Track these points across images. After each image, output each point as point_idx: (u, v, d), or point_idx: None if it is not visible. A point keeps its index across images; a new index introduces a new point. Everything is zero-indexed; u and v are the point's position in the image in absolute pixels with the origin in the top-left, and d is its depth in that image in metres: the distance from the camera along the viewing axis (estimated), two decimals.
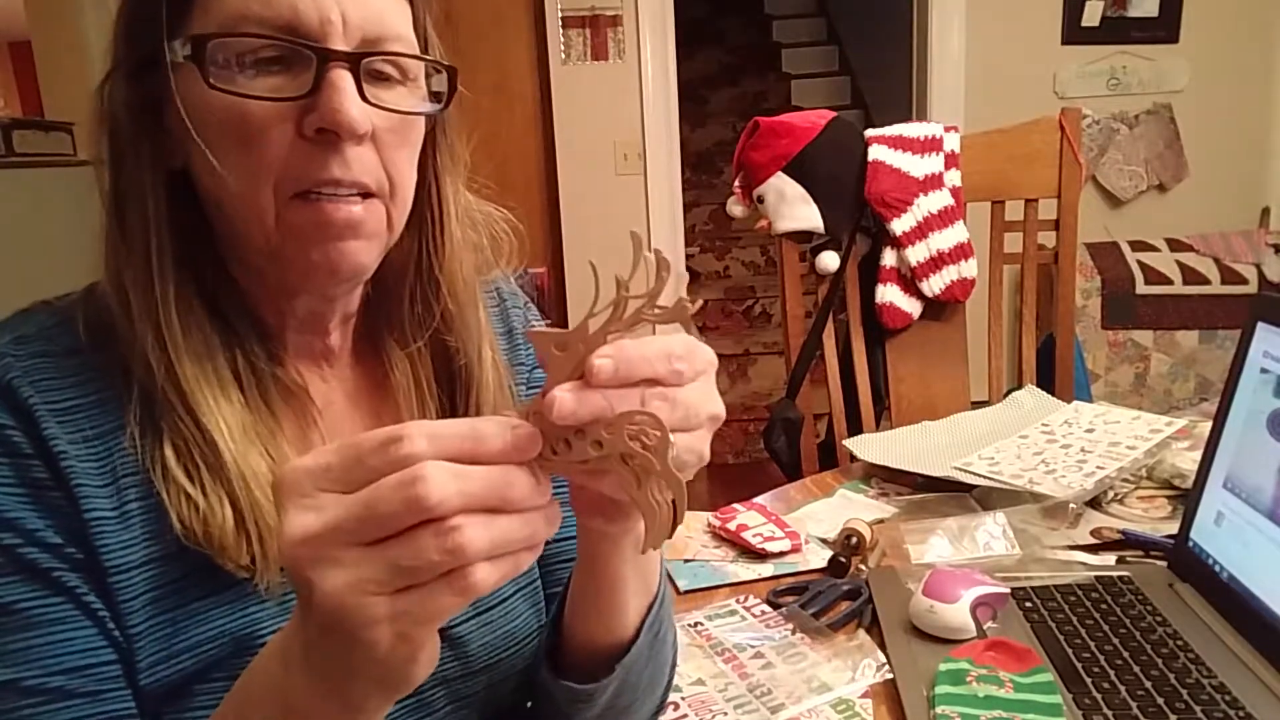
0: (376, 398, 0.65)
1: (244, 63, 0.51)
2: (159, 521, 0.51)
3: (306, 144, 0.52)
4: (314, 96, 0.51)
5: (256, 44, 0.51)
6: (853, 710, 0.73)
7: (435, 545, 0.35)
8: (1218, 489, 0.87)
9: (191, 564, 0.52)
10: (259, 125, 0.51)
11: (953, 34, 3.13)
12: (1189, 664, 0.73)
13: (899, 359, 1.63)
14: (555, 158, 3.18)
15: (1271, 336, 0.83)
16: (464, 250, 0.64)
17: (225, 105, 0.51)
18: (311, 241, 0.53)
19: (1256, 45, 3.16)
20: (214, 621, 0.53)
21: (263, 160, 0.52)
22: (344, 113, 0.51)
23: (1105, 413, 1.27)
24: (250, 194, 0.52)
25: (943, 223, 1.58)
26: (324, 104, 0.51)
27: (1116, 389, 2.99)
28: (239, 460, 0.52)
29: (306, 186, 0.52)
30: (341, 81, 0.51)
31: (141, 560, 0.51)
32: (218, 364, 0.54)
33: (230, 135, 0.51)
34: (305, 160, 0.52)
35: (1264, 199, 3.24)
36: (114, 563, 0.50)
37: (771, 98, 5.02)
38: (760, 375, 3.85)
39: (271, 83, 0.51)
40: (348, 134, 0.51)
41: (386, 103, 0.54)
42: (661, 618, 0.62)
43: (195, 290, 0.55)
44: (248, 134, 0.51)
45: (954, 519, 1.04)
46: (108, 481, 0.51)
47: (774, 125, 1.57)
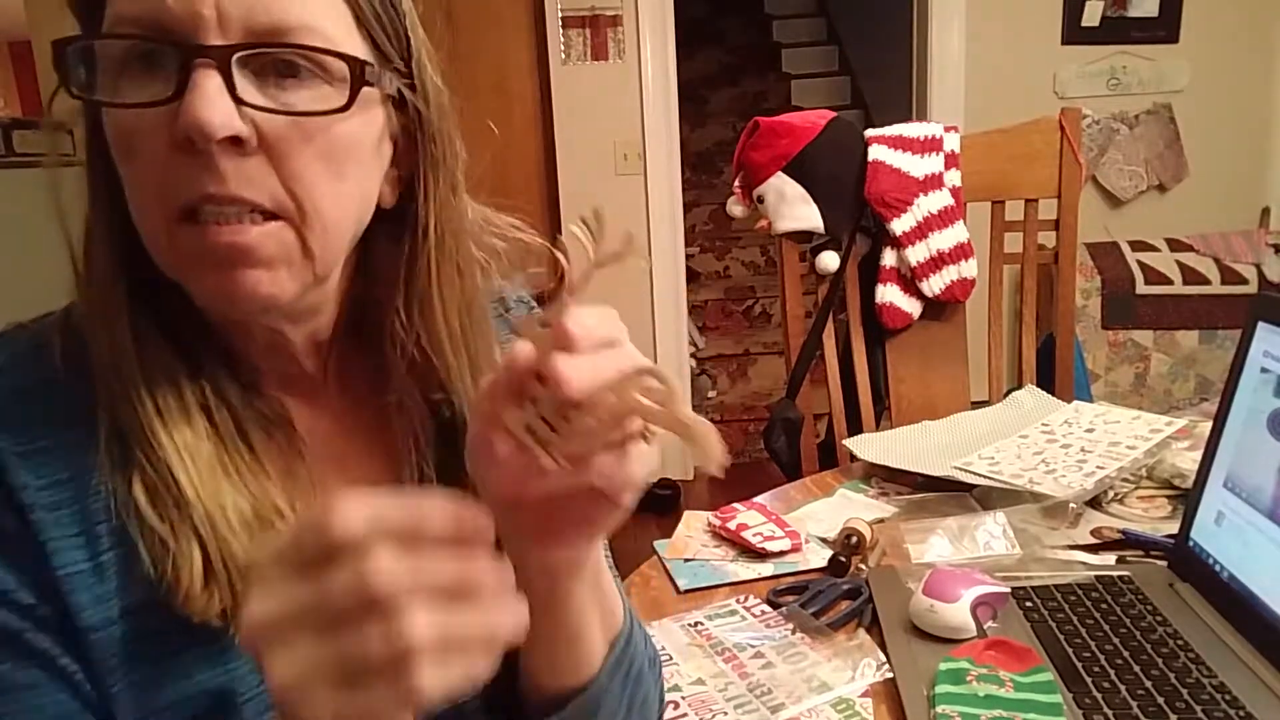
0: (366, 422, 0.59)
1: (116, 67, 0.46)
2: (134, 569, 0.47)
3: (180, 156, 0.45)
4: (179, 99, 0.45)
5: (123, 46, 0.46)
6: (853, 710, 0.73)
7: (378, 632, 0.33)
8: (1218, 489, 0.87)
9: (170, 614, 0.48)
10: (131, 135, 0.46)
11: (953, 34, 3.13)
12: (1189, 664, 0.73)
13: (899, 359, 1.63)
14: (555, 158, 3.18)
15: (1271, 336, 0.83)
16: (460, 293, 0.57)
17: (109, 116, 0.47)
18: (201, 269, 0.48)
19: (1256, 45, 3.16)
20: (193, 677, 0.49)
21: (141, 175, 0.47)
22: (191, 115, 0.44)
23: (1105, 413, 1.27)
24: (140, 213, 0.48)
25: (943, 223, 1.58)
26: (182, 107, 0.44)
27: (1116, 389, 2.99)
28: (205, 498, 0.48)
29: (183, 204, 0.46)
30: (202, 80, 0.44)
31: (118, 614, 0.48)
32: (182, 394, 0.50)
33: (115, 147, 0.47)
34: (178, 174, 0.46)
35: (1264, 199, 3.24)
36: (89, 621, 0.47)
37: (771, 98, 5.02)
38: (760, 375, 3.85)
39: (137, 84, 0.46)
40: (200, 140, 0.44)
41: (283, 103, 0.47)
42: (632, 655, 0.58)
43: (157, 317, 0.51)
44: (126, 145, 0.47)
45: (954, 519, 1.04)
46: (81, 530, 0.48)
47: (774, 125, 1.57)
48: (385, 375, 0.58)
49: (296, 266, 0.49)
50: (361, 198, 0.52)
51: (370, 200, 0.54)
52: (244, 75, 0.46)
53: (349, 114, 0.48)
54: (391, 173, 0.55)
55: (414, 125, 0.54)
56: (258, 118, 0.46)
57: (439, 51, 0.56)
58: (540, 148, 3.22)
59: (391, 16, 0.52)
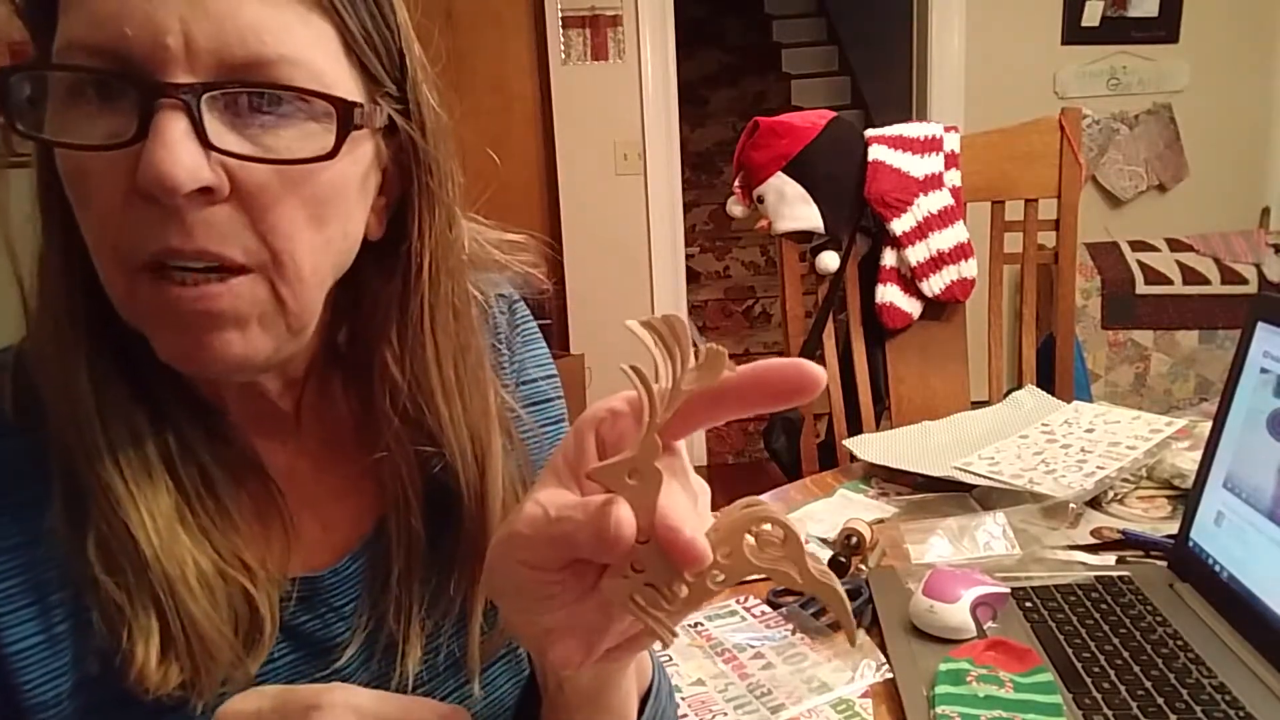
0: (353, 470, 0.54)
1: (67, 97, 0.40)
2: (89, 640, 0.44)
3: (141, 204, 0.40)
4: (139, 143, 0.39)
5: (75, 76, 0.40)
6: (853, 710, 0.73)
7: None
8: (1218, 489, 0.87)
9: (125, 689, 0.44)
10: (85, 177, 0.41)
11: (953, 34, 3.13)
12: (1189, 664, 0.73)
13: (899, 359, 1.63)
14: (555, 158, 3.18)
15: (1271, 336, 0.83)
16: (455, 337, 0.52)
17: (60, 154, 0.41)
18: (164, 328, 0.43)
19: (1256, 45, 3.16)
20: None
21: (96, 221, 0.41)
22: (154, 167, 0.38)
23: (1105, 413, 1.27)
24: (98, 260, 0.42)
25: (943, 223, 1.58)
26: (143, 155, 0.39)
27: (1116, 389, 2.99)
28: (164, 559, 0.44)
29: (145, 257, 0.41)
30: (164, 124, 0.39)
31: (71, 689, 0.45)
32: (143, 445, 0.45)
33: (69, 188, 0.42)
34: (137, 224, 0.40)
35: (1264, 199, 3.24)
36: (40, 698, 0.44)
37: (771, 98, 5.02)
38: None
39: (94, 121, 0.40)
40: (163, 195, 0.39)
41: (262, 146, 0.41)
42: (663, 706, 0.53)
43: (117, 360, 0.45)
44: (80, 188, 0.41)
45: (954, 519, 1.04)
46: (32, 601, 0.44)
47: (774, 125, 1.57)
48: (372, 417, 0.52)
49: (270, 322, 0.44)
50: (344, 239, 0.47)
51: (354, 240, 0.48)
52: (214, 114, 0.40)
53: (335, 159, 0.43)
54: (379, 201, 0.50)
55: (407, 153, 0.49)
56: (230, 164, 0.41)
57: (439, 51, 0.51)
58: (540, 148, 3.22)
59: (384, 35, 0.46)
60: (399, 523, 0.53)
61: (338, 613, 0.52)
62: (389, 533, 0.53)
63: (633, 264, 3.23)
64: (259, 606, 0.47)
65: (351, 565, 0.54)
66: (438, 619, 0.55)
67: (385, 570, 0.53)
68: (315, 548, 0.53)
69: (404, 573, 0.53)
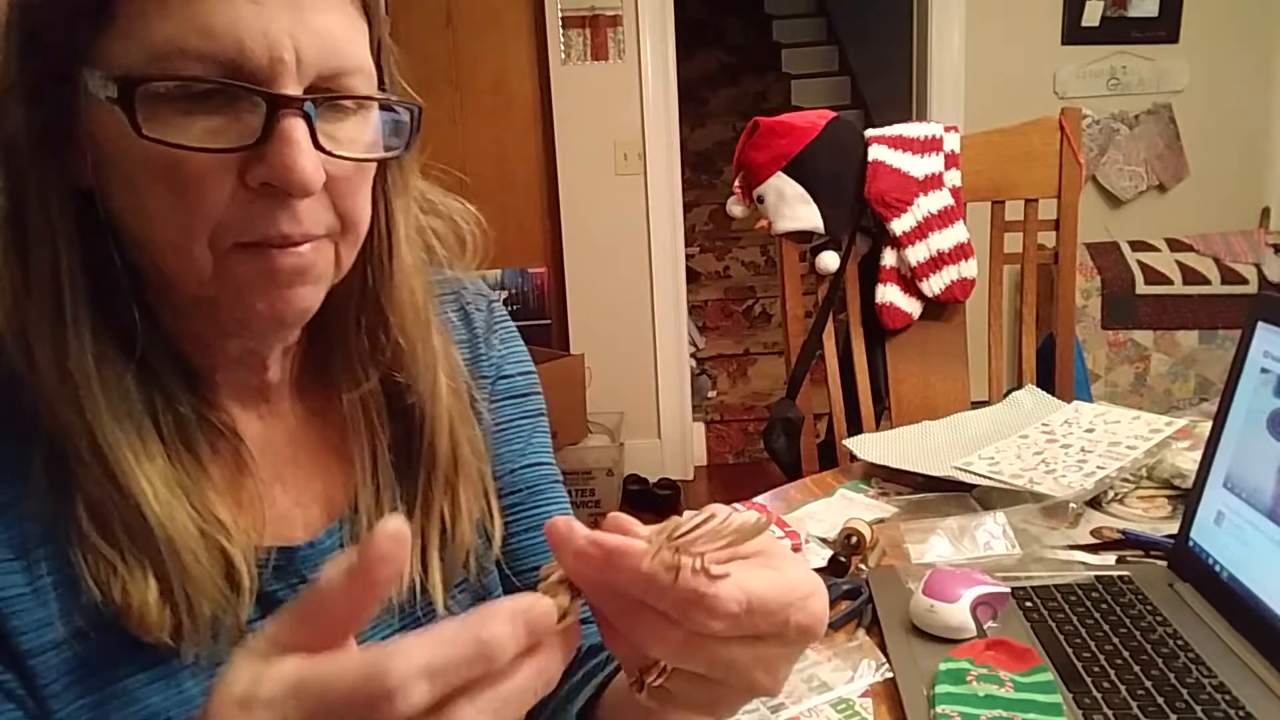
0: (321, 433, 0.59)
1: (176, 98, 0.44)
2: (76, 594, 0.46)
3: (251, 195, 0.45)
4: (261, 146, 0.44)
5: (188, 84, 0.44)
6: (853, 710, 0.73)
7: None
8: (1218, 489, 0.87)
9: (116, 638, 0.47)
10: (195, 176, 0.44)
11: (953, 34, 3.13)
12: (1189, 664, 0.73)
13: (899, 359, 1.63)
14: (555, 158, 3.18)
15: (1271, 336, 0.83)
16: (414, 277, 0.58)
17: (158, 152, 0.44)
18: (256, 291, 0.48)
19: (1256, 45, 3.16)
20: (144, 700, 0.48)
21: (198, 212, 0.45)
22: (297, 171, 0.44)
23: (1105, 413, 1.27)
24: (182, 244, 0.46)
25: (943, 223, 1.58)
26: (274, 158, 0.44)
27: (1116, 389, 2.99)
28: (165, 523, 0.47)
29: (251, 240, 0.46)
30: (294, 132, 0.44)
31: (61, 638, 0.47)
32: (137, 417, 0.48)
33: (160, 182, 0.45)
34: (250, 214, 0.46)
35: (1264, 199, 3.24)
36: (30, 645, 0.46)
37: (771, 98, 5.02)
38: (760, 375, 3.85)
39: (209, 124, 0.44)
40: (300, 193, 0.45)
41: (343, 144, 0.48)
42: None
43: (110, 332, 0.48)
44: (181, 184, 0.44)
45: (954, 519, 1.04)
46: (17, 555, 0.46)
47: (774, 125, 1.57)
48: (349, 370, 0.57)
49: (329, 278, 0.51)
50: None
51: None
52: (318, 119, 0.46)
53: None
54: None
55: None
56: (326, 162, 0.46)
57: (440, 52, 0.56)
58: (540, 148, 3.22)
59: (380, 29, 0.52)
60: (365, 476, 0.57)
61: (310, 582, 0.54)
62: (364, 508, 0.57)
63: (633, 264, 3.23)
64: (235, 561, 0.50)
65: (328, 540, 0.56)
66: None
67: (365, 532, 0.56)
68: (287, 521, 0.56)
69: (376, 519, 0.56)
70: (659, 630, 0.35)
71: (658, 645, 0.36)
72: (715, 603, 0.34)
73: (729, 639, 0.35)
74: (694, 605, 0.34)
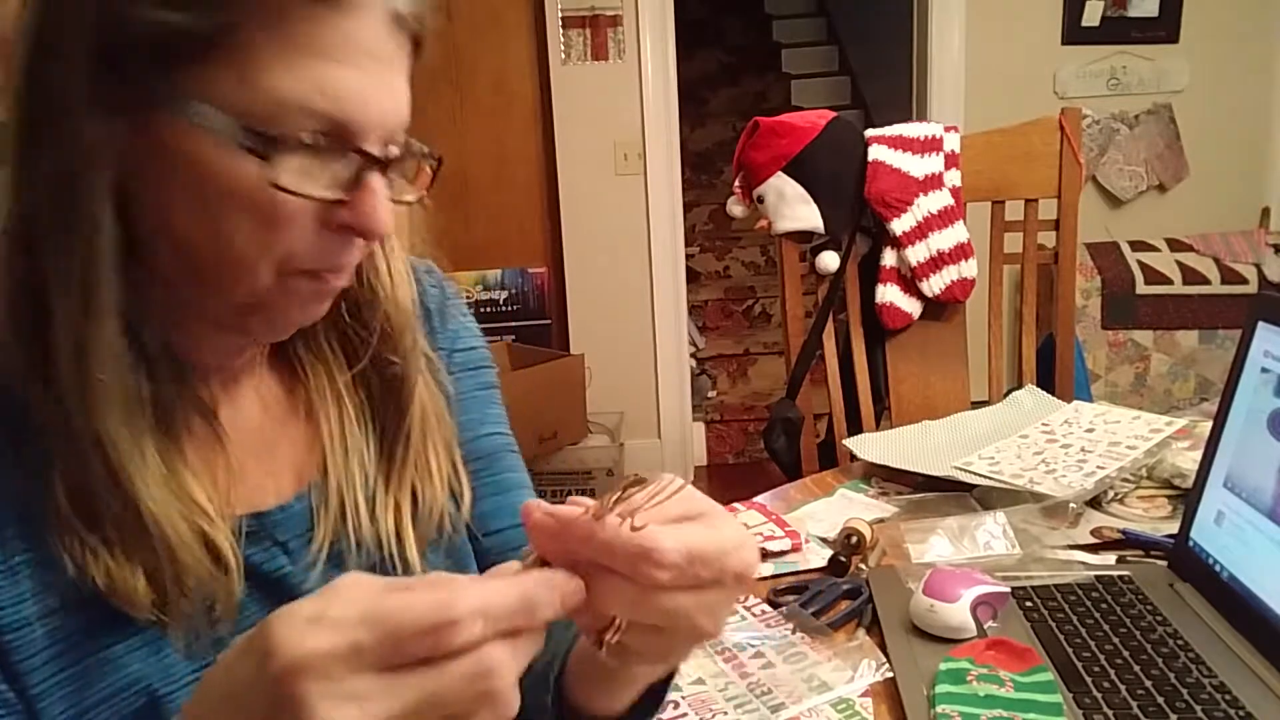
0: (289, 406, 0.62)
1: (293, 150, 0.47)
2: (52, 572, 0.48)
3: (327, 234, 0.50)
4: (350, 194, 0.50)
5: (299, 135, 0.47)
6: (853, 710, 0.73)
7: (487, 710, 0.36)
8: (1218, 488, 0.87)
9: (94, 614, 0.48)
10: (287, 215, 0.48)
11: (953, 34, 3.13)
12: (1189, 663, 0.73)
13: (899, 359, 1.63)
14: (555, 158, 3.18)
15: (1272, 336, 0.83)
16: (399, 261, 0.62)
17: (259, 191, 0.47)
18: (301, 307, 0.53)
19: (1256, 45, 3.16)
20: (125, 670, 0.50)
21: (280, 244, 0.49)
22: (380, 222, 0.50)
23: (1105, 412, 1.27)
24: (252, 266, 0.49)
25: (943, 223, 1.58)
26: (361, 208, 0.50)
27: (1116, 389, 2.99)
28: (161, 521, 0.49)
29: (315, 269, 0.51)
30: (378, 186, 0.50)
31: (37, 614, 0.48)
32: (134, 408, 0.50)
33: (248, 212, 0.48)
34: (323, 249, 0.51)
35: (1264, 199, 3.24)
36: (6, 620, 0.47)
37: (771, 98, 5.02)
38: (760, 375, 3.85)
39: (299, 166, 0.47)
40: (377, 238, 0.52)
41: (395, 189, 0.53)
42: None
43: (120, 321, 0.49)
44: (273, 221, 0.48)
45: (954, 519, 1.04)
46: None
47: (774, 125, 1.57)
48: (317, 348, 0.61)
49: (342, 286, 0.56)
50: None
51: None
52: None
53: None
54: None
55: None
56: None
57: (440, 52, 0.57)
58: (540, 148, 3.22)
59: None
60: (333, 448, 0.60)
61: (282, 547, 0.58)
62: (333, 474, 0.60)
63: (633, 264, 3.23)
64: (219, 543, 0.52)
65: (298, 505, 0.59)
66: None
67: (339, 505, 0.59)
68: (260, 491, 0.58)
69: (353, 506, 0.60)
70: (614, 588, 0.40)
71: (614, 602, 0.41)
72: (661, 555, 0.39)
73: (675, 589, 0.40)
74: (642, 560, 0.39)
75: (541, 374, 2.84)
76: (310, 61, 0.46)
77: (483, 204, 3.21)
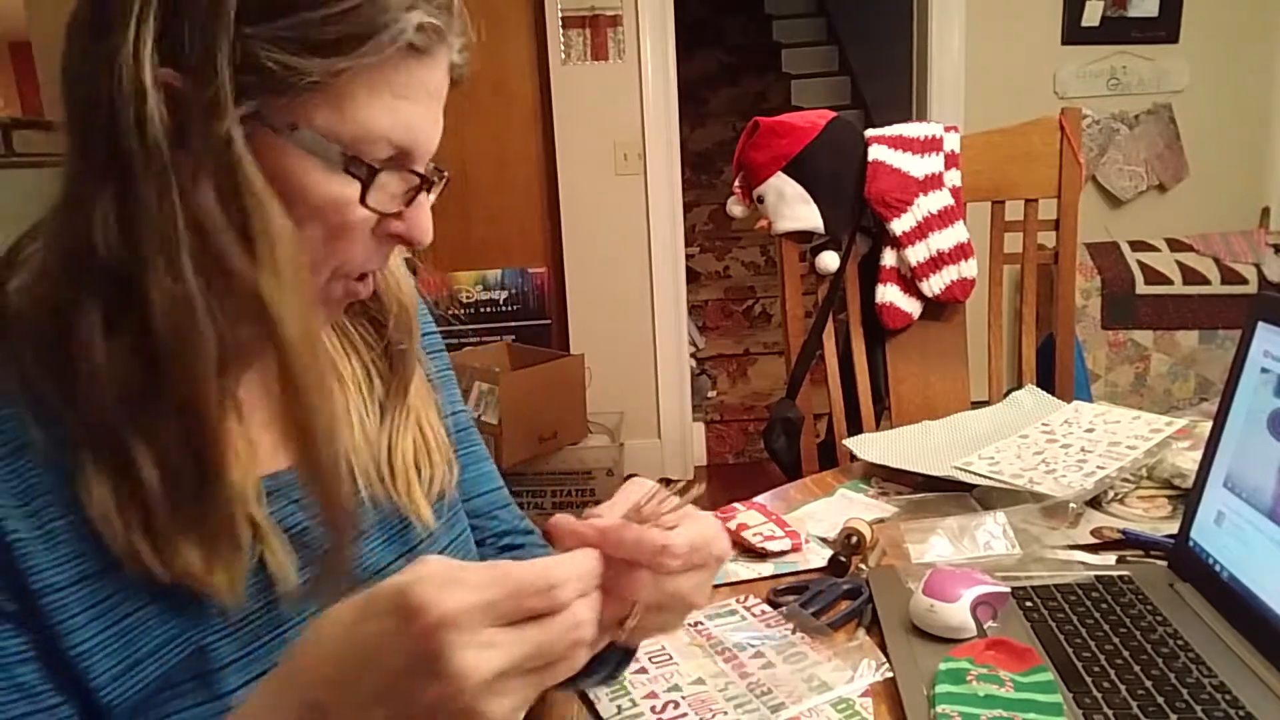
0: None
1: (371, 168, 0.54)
2: (86, 539, 0.51)
3: (375, 241, 0.57)
4: (403, 211, 0.57)
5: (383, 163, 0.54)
6: (853, 709, 0.73)
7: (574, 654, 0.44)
8: (1218, 488, 0.87)
9: (128, 576, 0.51)
10: (355, 228, 0.55)
11: (953, 34, 3.13)
12: (1189, 663, 0.73)
13: (899, 359, 1.63)
14: (555, 158, 3.18)
15: (1272, 336, 0.83)
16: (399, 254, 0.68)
17: (330, 198, 0.53)
18: (331, 305, 0.60)
19: (1256, 45, 3.16)
20: (167, 626, 0.53)
21: (341, 250, 0.56)
22: (429, 234, 0.58)
23: (1105, 412, 1.27)
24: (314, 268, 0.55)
25: (943, 223, 1.58)
26: (414, 221, 0.57)
27: (1116, 389, 2.99)
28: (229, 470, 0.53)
29: (359, 273, 0.58)
30: (427, 203, 0.58)
31: (74, 579, 0.51)
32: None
33: (322, 223, 0.54)
34: (370, 254, 0.58)
35: (1264, 199, 3.24)
36: (45, 582, 0.50)
37: (771, 98, 5.02)
38: (760, 375, 3.85)
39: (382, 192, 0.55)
40: (422, 245, 0.59)
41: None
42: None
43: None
44: (342, 230, 0.55)
45: (954, 518, 1.04)
46: (24, 502, 0.50)
47: (774, 125, 1.57)
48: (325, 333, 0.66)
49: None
50: None
51: None
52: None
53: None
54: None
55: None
56: None
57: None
58: (540, 148, 3.22)
59: None
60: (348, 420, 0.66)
61: (298, 504, 0.62)
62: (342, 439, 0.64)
63: (633, 264, 3.23)
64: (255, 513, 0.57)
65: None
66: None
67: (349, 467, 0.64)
68: (273, 457, 0.62)
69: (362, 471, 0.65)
70: (637, 578, 0.50)
71: (638, 588, 0.50)
72: (675, 549, 0.50)
73: (679, 573, 0.52)
74: (661, 554, 0.50)
75: (541, 374, 2.84)
76: (395, 102, 0.53)
77: (483, 204, 3.21)
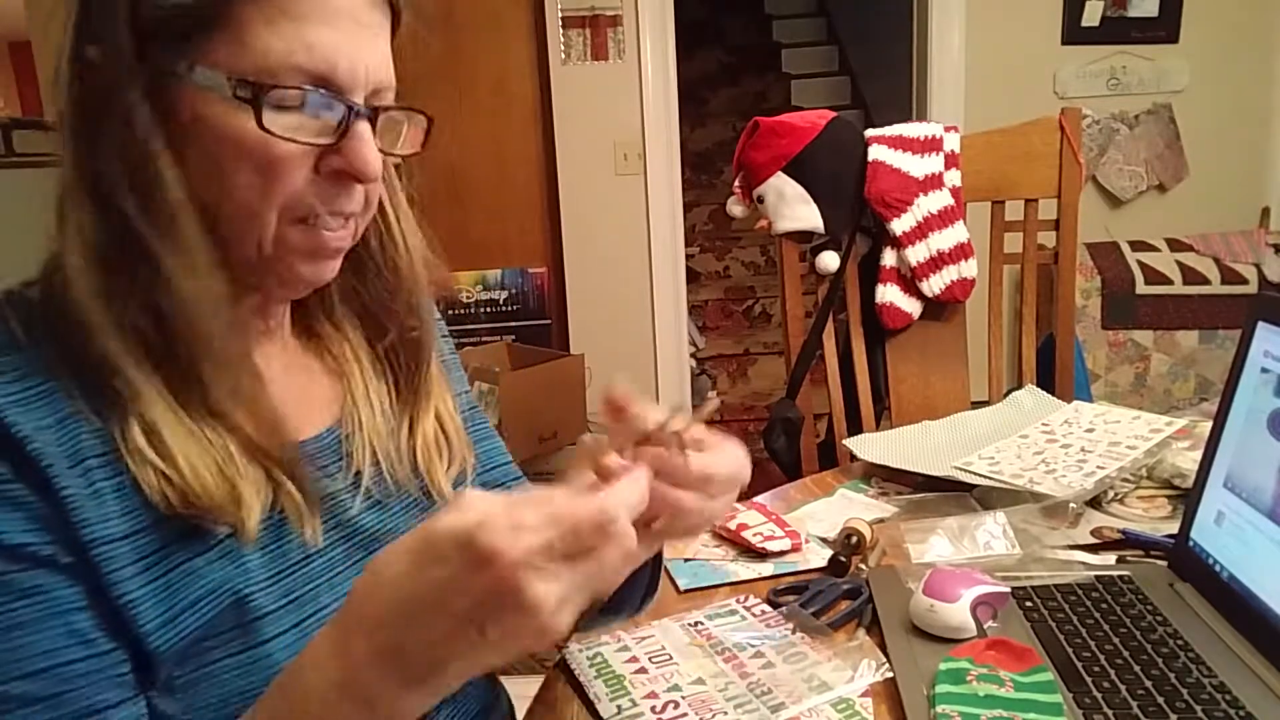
0: (316, 361, 0.71)
1: (285, 104, 0.55)
2: (132, 497, 0.54)
3: (320, 180, 0.58)
4: (339, 143, 0.57)
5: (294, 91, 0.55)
6: (853, 710, 0.73)
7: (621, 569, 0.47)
8: (1218, 488, 0.87)
9: (171, 532, 0.55)
10: (284, 162, 0.56)
11: (953, 34, 3.13)
12: (1189, 663, 0.73)
13: (899, 359, 1.63)
14: (555, 158, 3.18)
15: (1272, 336, 0.83)
16: (413, 236, 0.71)
17: (255, 138, 0.54)
18: (303, 260, 0.60)
19: (1256, 45, 3.16)
20: (208, 578, 0.56)
21: (278, 190, 0.56)
22: (370, 164, 0.58)
23: (1105, 412, 1.27)
24: (256, 214, 0.57)
25: (943, 223, 1.58)
26: (350, 153, 0.57)
27: (1116, 389, 2.99)
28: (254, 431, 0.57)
29: (310, 213, 0.58)
30: (366, 133, 0.58)
31: (122, 533, 0.53)
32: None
33: (249, 162, 0.55)
34: (317, 195, 0.58)
35: (1264, 199, 3.24)
36: (96, 535, 0.52)
37: (771, 98, 5.02)
38: (760, 375, 3.85)
39: (291, 121, 0.55)
40: (368, 180, 0.59)
41: (388, 145, 0.61)
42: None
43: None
44: (270, 166, 0.55)
45: (954, 518, 1.04)
46: (75, 463, 0.53)
47: (774, 125, 1.58)
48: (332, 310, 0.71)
49: (346, 249, 0.63)
50: None
51: None
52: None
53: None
54: None
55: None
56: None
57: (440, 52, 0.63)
58: (540, 148, 3.22)
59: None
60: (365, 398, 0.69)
61: (323, 470, 0.66)
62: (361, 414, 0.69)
63: (633, 264, 3.23)
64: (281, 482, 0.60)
65: (328, 436, 0.68)
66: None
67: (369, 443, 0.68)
68: (291, 426, 0.64)
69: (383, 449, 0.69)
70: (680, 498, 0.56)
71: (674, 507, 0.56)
72: (717, 478, 0.58)
73: (716, 496, 0.58)
74: (705, 482, 0.57)
75: (541, 374, 2.84)
76: (293, 24, 0.54)
77: (482, 204, 3.21)
